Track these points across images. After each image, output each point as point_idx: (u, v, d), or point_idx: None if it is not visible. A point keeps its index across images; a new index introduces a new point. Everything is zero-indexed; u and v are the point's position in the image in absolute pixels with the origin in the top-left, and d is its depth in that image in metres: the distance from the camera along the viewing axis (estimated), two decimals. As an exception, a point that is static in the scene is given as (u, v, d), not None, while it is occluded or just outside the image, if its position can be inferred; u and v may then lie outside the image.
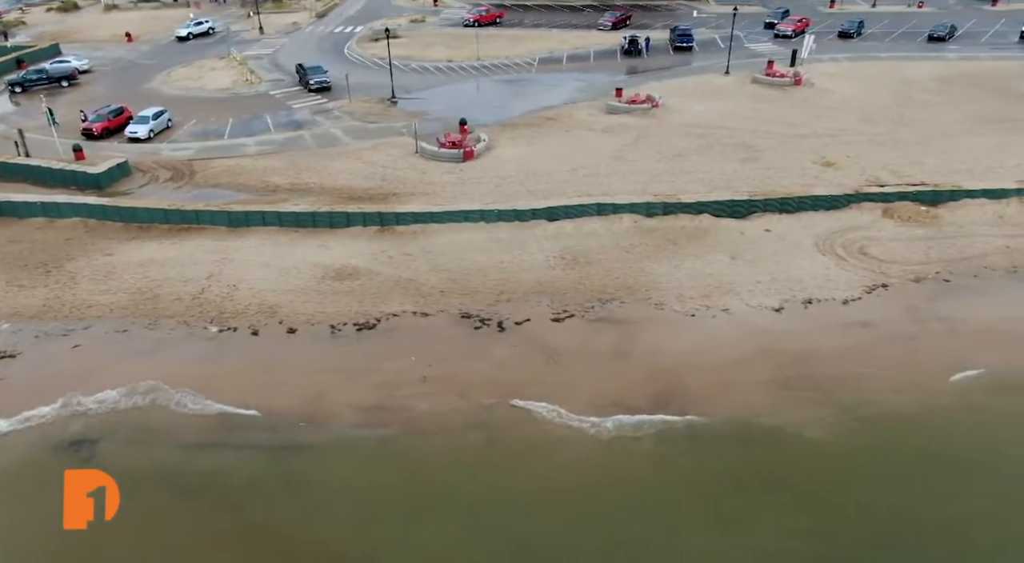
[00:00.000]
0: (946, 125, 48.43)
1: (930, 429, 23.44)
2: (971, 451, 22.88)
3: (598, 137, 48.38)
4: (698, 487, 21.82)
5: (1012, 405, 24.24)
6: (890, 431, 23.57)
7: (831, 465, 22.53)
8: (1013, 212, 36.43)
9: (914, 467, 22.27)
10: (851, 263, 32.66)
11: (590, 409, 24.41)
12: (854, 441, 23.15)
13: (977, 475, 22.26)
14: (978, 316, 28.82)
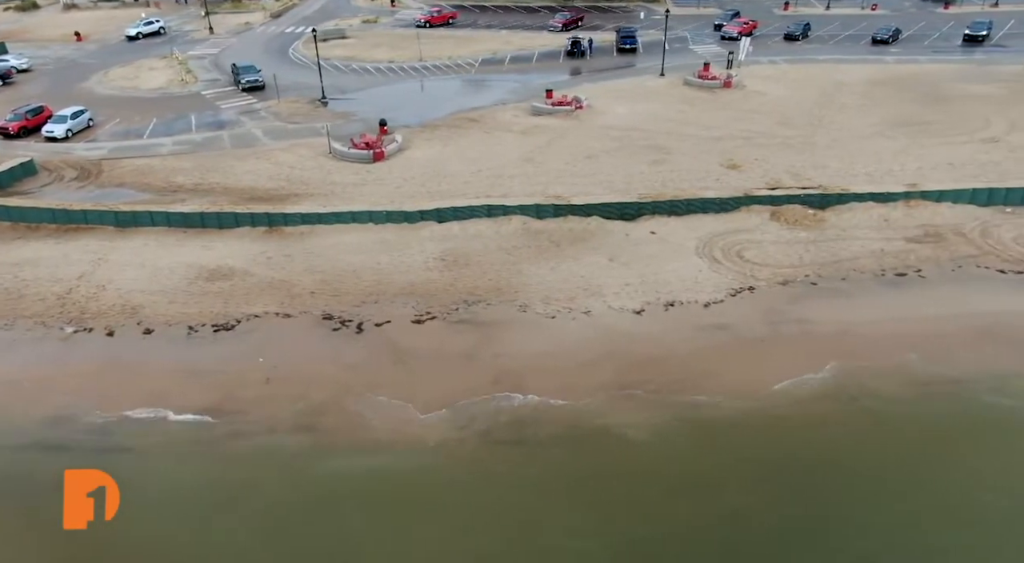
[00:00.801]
0: (860, 128, 48.63)
1: (751, 432, 23.63)
2: (790, 456, 23.07)
3: (515, 138, 48.57)
4: (507, 488, 22.01)
5: (835, 411, 24.40)
6: (712, 433, 23.77)
7: (645, 466, 22.73)
8: (899, 216, 36.63)
9: (727, 470, 22.46)
10: (725, 266, 32.87)
11: (424, 410, 24.58)
12: (675, 443, 23.35)
13: (792, 480, 22.45)
14: (834, 319, 29.04)
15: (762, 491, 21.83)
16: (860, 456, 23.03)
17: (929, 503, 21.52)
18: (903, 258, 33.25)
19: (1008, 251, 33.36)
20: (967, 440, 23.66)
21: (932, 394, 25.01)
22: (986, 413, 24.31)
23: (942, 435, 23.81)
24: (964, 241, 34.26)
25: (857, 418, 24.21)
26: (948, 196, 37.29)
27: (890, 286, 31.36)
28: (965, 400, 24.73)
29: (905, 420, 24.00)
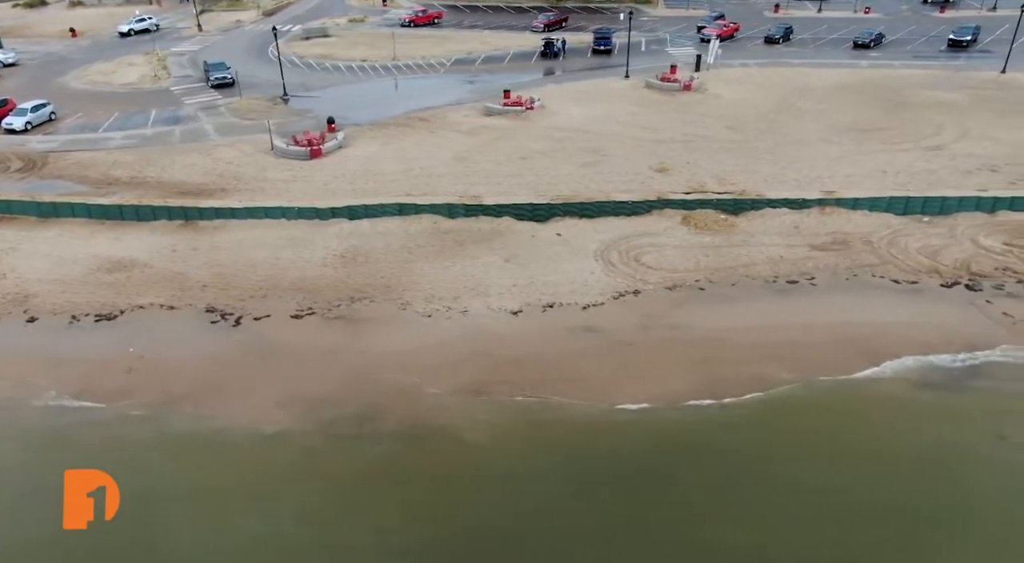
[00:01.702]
0: (808, 133, 47.97)
1: (591, 436, 23.68)
2: (626, 460, 23.06)
3: (459, 138, 48.90)
4: (329, 481, 22.42)
5: (675, 418, 24.30)
6: (551, 436, 23.87)
7: (471, 466, 22.95)
8: (811, 222, 36.18)
9: (553, 472, 22.57)
10: (618, 269, 32.84)
11: (274, 403, 25.12)
12: (509, 444, 23.52)
13: (622, 484, 22.47)
14: (708, 325, 28.91)
15: (585, 493, 21.88)
16: (695, 464, 22.93)
17: (752, 510, 21.37)
18: (800, 265, 32.87)
19: (909, 261, 32.78)
20: (801, 448, 23.41)
21: (776, 404, 24.74)
22: (821, 423, 24.07)
23: (781, 444, 23.57)
24: (869, 250, 33.74)
25: (697, 426, 24.07)
26: (864, 204, 36.72)
27: (777, 293, 31.06)
28: (809, 410, 24.45)
29: (744, 430, 23.81)
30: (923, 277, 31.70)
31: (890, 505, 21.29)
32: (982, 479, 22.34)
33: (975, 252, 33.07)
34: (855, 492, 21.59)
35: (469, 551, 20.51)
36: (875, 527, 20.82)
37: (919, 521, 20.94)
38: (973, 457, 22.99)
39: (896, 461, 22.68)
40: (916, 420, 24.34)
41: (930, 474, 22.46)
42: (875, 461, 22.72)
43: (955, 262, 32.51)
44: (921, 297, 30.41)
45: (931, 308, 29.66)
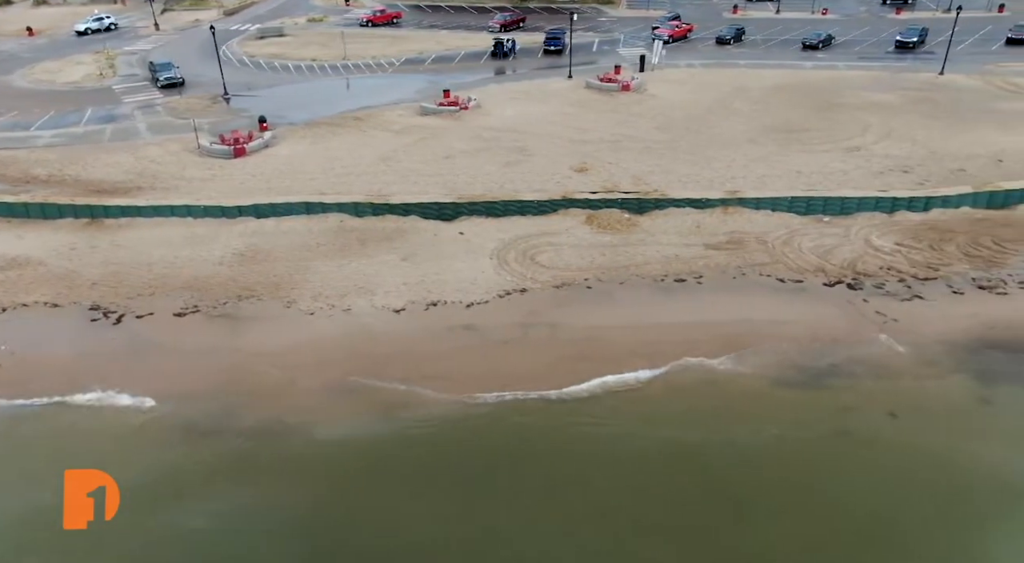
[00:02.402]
0: (735, 134, 48.17)
1: (444, 434, 23.89)
2: (476, 459, 23.26)
3: (388, 138, 49.09)
4: (177, 475, 22.59)
5: (534, 418, 24.51)
6: (407, 430, 24.07)
7: (327, 460, 23.16)
8: (713, 222, 36.39)
9: (409, 465, 22.80)
10: (511, 268, 33.02)
11: (137, 400, 25.30)
12: (364, 442, 23.72)
13: (466, 483, 22.67)
14: (587, 323, 29.11)
15: (428, 484, 22.11)
16: (539, 462, 23.12)
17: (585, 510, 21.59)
18: (692, 264, 33.09)
19: (798, 260, 32.99)
20: (651, 446, 23.62)
21: (629, 395, 25.01)
22: (672, 413, 24.41)
23: (625, 434, 23.78)
24: (762, 249, 33.95)
25: (551, 423, 24.30)
26: (766, 204, 36.94)
27: (662, 292, 31.26)
28: (664, 401, 24.75)
29: (595, 426, 24.03)
30: (809, 276, 31.91)
31: (723, 493, 21.54)
32: (815, 471, 22.55)
33: (864, 252, 33.29)
34: (687, 482, 21.85)
35: (309, 546, 20.65)
36: (705, 515, 21.07)
37: (744, 510, 21.15)
38: (810, 450, 23.21)
39: (733, 452, 22.90)
40: (764, 413, 24.52)
41: (765, 465, 22.65)
42: (713, 452, 22.95)
43: (843, 262, 32.73)
44: (802, 296, 30.63)
45: (808, 306, 29.89)
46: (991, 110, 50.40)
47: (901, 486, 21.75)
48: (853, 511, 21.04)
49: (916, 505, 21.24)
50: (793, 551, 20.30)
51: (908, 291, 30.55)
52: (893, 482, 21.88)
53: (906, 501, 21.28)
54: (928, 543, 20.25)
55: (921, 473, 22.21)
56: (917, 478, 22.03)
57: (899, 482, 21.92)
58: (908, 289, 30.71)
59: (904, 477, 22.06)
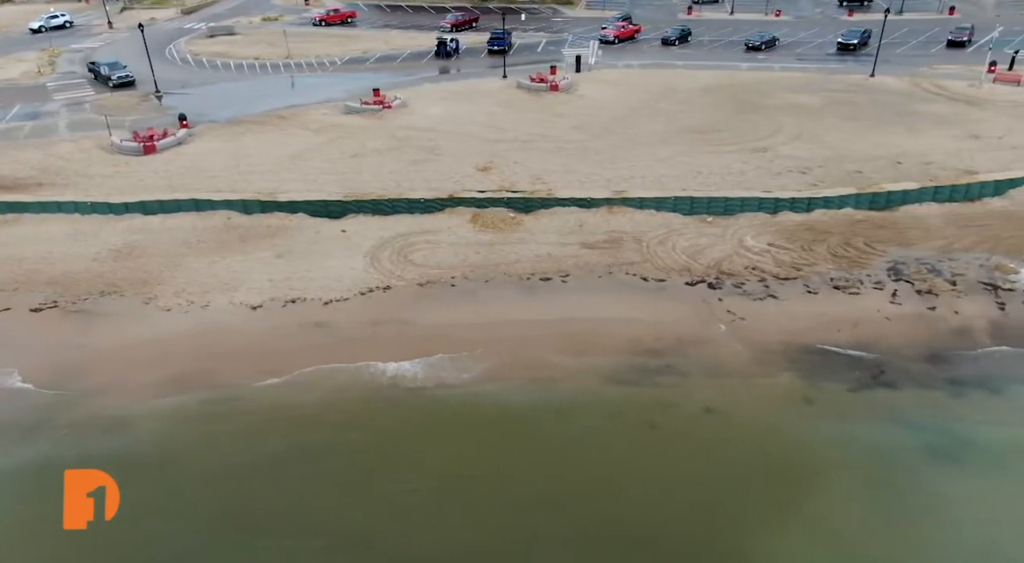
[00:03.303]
0: (650, 135, 48.19)
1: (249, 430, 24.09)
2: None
3: (305, 136, 49.27)
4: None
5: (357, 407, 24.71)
6: (228, 428, 24.23)
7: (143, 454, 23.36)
8: (596, 221, 36.46)
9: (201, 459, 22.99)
10: (382, 266, 33.16)
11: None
12: (180, 435, 23.88)
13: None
14: (437, 320, 29.23)
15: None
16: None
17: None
18: (562, 263, 33.17)
19: (668, 260, 33.06)
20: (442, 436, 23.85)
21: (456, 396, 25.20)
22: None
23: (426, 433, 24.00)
24: (636, 249, 34.03)
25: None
26: (650, 204, 37.03)
27: (525, 290, 31.37)
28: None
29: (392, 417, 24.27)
30: (674, 275, 31.98)
31: (517, 484, 21.71)
32: (611, 461, 22.73)
33: (734, 252, 33.35)
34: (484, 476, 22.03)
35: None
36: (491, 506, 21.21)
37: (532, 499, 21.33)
38: (614, 441, 23.39)
39: (539, 444, 23.06)
40: (583, 407, 24.69)
41: (566, 454, 22.82)
42: (522, 445, 23.08)
43: (711, 261, 32.79)
44: (661, 294, 30.71)
45: (664, 305, 29.96)
46: (909, 112, 50.39)
47: (694, 478, 21.91)
48: (635, 499, 21.19)
49: (703, 497, 21.35)
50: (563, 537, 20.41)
51: (765, 291, 30.61)
52: (687, 474, 22.04)
53: (695, 493, 21.40)
54: (706, 537, 20.35)
55: (721, 467, 22.35)
56: (714, 471, 22.20)
57: (694, 474, 22.07)
58: (766, 289, 30.77)
59: (699, 470, 22.24)
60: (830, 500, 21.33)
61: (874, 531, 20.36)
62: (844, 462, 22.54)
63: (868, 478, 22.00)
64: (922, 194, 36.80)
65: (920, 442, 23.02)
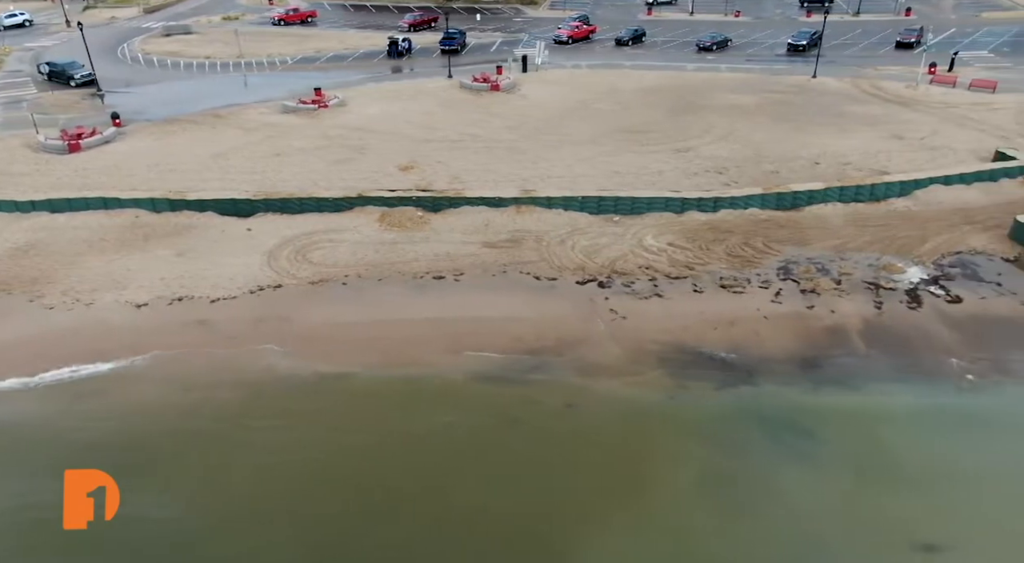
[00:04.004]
0: (581, 134, 48.19)
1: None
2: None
3: (236, 135, 49.23)
4: None
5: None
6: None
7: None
8: (504, 220, 36.39)
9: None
10: (279, 264, 33.08)
11: None
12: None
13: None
14: (317, 319, 29.21)
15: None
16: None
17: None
18: (459, 261, 33.13)
19: (564, 259, 33.02)
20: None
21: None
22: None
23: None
24: (536, 247, 34.00)
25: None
26: (558, 203, 37.01)
27: (416, 289, 31.34)
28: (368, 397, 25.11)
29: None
30: (567, 274, 31.95)
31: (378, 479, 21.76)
32: (470, 455, 22.91)
33: (631, 251, 33.33)
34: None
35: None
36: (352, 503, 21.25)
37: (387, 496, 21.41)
38: (473, 437, 23.51)
39: (394, 440, 23.15)
40: (448, 404, 24.71)
41: (422, 450, 23.03)
42: (377, 439, 23.15)
43: (606, 260, 32.77)
44: (550, 293, 30.68)
45: (550, 304, 29.92)
46: (841, 113, 50.45)
47: (541, 471, 22.04)
48: (475, 490, 21.34)
49: (545, 488, 21.47)
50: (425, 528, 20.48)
51: (653, 290, 30.60)
52: (534, 466, 22.19)
53: (539, 484, 21.58)
54: (536, 529, 20.40)
55: (570, 461, 22.49)
56: (562, 465, 22.33)
57: (542, 467, 22.19)
58: (654, 288, 30.76)
59: (548, 463, 22.39)
60: (669, 495, 21.31)
61: (707, 525, 20.42)
62: (692, 457, 22.55)
63: (713, 474, 21.98)
64: (827, 194, 36.79)
65: (772, 440, 22.99)
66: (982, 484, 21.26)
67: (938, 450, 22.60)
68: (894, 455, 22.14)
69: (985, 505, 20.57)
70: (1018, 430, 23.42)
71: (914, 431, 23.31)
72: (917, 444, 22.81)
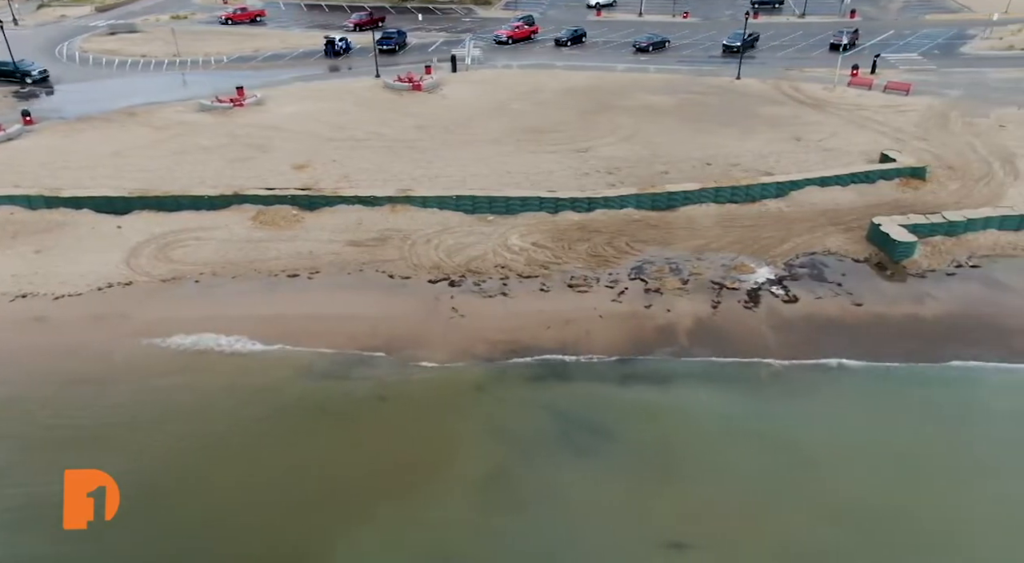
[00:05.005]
0: (488, 134, 48.03)
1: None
2: None
3: (144, 133, 49.11)
4: None
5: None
6: None
7: None
8: (376, 219, 36.16)
9: None
10: (136, 262, 32.94)
11: None
12: None
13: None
14: (161, 316, 29.03)
15: None
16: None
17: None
18: (319, 260, 32.97)
19: (424, 258, 32.82)
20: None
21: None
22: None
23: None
24: (401, 246, 33.82)
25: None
26: (432, 203, 36.88)
27: (267, 287, 31.15)
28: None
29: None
30: (422, 273, 31.78)
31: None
32: (277, 440, 23.10)
33: (492, 251, 33.16)
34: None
35: None
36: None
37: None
38: (282, 424, 23.74)
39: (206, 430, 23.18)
40: (264, 397, 24.65)
41: (227, 434, 23.23)
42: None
43: (465, 259, 32.58)
44: (399, 292, 30.49)
45: (396, 302, 29.73)
46: (752, 115, 50.32)
47: (331, 460, 22.23)
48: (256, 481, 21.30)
49: (327, 476, 21.59)
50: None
51: (501, 288, 30.43)
52: (344, 452, 22.46)
53: (326, 472, 21.76)
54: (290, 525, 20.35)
55: (364, 452, 22.64)
56: (354, 455, 22.55)
57: (348, 452, 22.38)
58: (503, 286, 30.60)
59: (335, 454, 22.57)
60: (445, 490, 21.14)
61: (470, 520, 20.35)
62: (483, 454, 22.42)
63: (498, 470, 21.81)
64: (702, 195, 36.64)
65: (566, 437, 22.92)
66: (752, 484, 21.18)
67: (722, 451, 22.43)
68: (680, 454, 22.02)
69: (747, 504, 20.49)
70: (808, 434, 23.19)
71: (707, 431, 23.14)
72: (706, 444, 22.65)
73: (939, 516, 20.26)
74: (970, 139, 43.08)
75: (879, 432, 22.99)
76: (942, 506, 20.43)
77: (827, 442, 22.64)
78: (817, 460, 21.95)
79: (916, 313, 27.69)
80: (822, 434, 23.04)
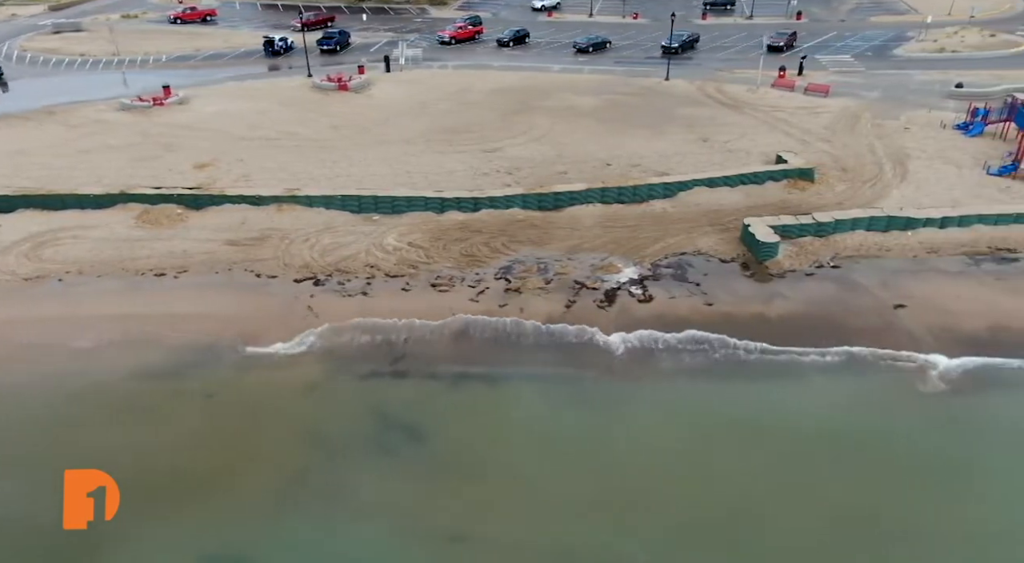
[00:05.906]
0: (404, 134, 47.65)
1: None
2: None
3: (58, 132, 48.87)
4: None
5: None
6: None
7: None
8: (262, 218, 35.75)
9: None
10: (6, 261, 32.64)
11: None
12: None
13: None
14: (7, 316, 28.81)
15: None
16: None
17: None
18: (190, 259, 32.67)
19: (296, 257, 32.48)
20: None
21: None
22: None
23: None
24: (277, 246, 33.55)
25: None
26: (319, 202, 36.66)
27: (129, 285, 30.80)
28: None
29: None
30: (290, 272, 31.54)
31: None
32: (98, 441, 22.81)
33: (365, 250, 32.89)
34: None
35: None
36: None
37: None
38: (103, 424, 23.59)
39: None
40: (84, 398, 24.48)
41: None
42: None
43: (336, 259, 32.32)
44: (261, 291, 30.20)
45: (255, 301, 29.43)
46: (669, 116, 50.16)
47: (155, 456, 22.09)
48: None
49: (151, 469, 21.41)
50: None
51: (363, 288, 30.18)
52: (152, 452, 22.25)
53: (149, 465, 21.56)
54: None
55: (195, 447, 22.57)
56: (183, 450, 22.43)
57: (156, 452, 22.21)
58: (366, 286, 30.35)
59: (169, 448, 22.51)
60: (236, 492, 21.00)
61: (245, 522, 20.23)
62: (289, 453, 22.27)
63: (299, 469, 21.73)
64: (588, 195, 36.47)
65: (374, 435, 22.88)
66: (534, 480, 21.27)
67: (521, 447, 22.35)
68: (480, 451, 21.90)
69: (528, 497, 20.49)
70: (606, 433, 23.07)
71: (516, 430, 23.01)
72: (510, 442, 22.56)
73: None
74: (872, 141, 42.98)
75: (678, 430, 23.03)
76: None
77: (617, 441, 22.56)
78: (618, 459, 21.85)
79: (762, 313, 27.52)
80: (620, 432, 22.92)
